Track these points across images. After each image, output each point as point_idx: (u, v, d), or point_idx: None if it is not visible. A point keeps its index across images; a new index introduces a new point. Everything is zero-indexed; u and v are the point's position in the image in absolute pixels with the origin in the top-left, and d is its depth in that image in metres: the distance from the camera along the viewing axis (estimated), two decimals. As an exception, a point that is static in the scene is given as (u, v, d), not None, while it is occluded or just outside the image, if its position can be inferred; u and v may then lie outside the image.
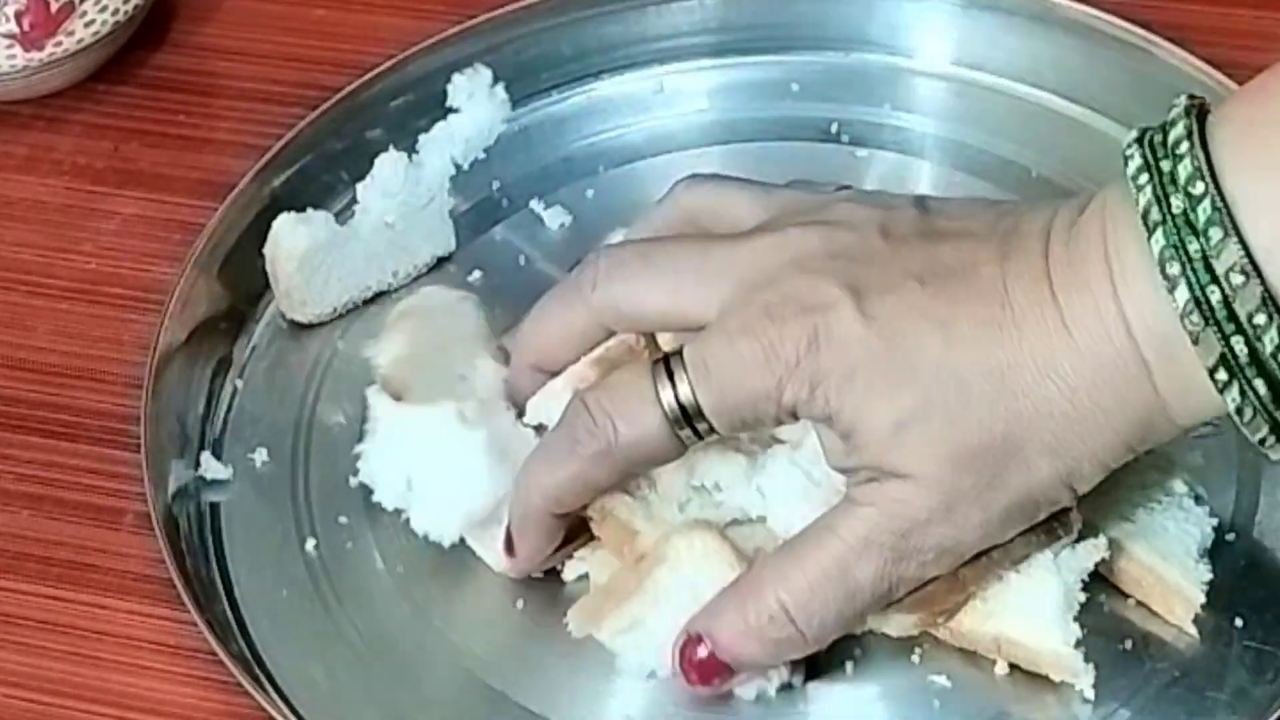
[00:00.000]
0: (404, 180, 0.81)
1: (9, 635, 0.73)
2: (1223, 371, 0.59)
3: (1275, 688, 0.68)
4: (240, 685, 0.67)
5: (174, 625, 0.72)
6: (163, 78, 0.93)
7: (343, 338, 0.81)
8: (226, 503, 0.76)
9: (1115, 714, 0.67)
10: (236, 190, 0.82)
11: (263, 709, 0.67)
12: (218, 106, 0.92)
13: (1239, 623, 0.69)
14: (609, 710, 0.69)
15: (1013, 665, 0.68)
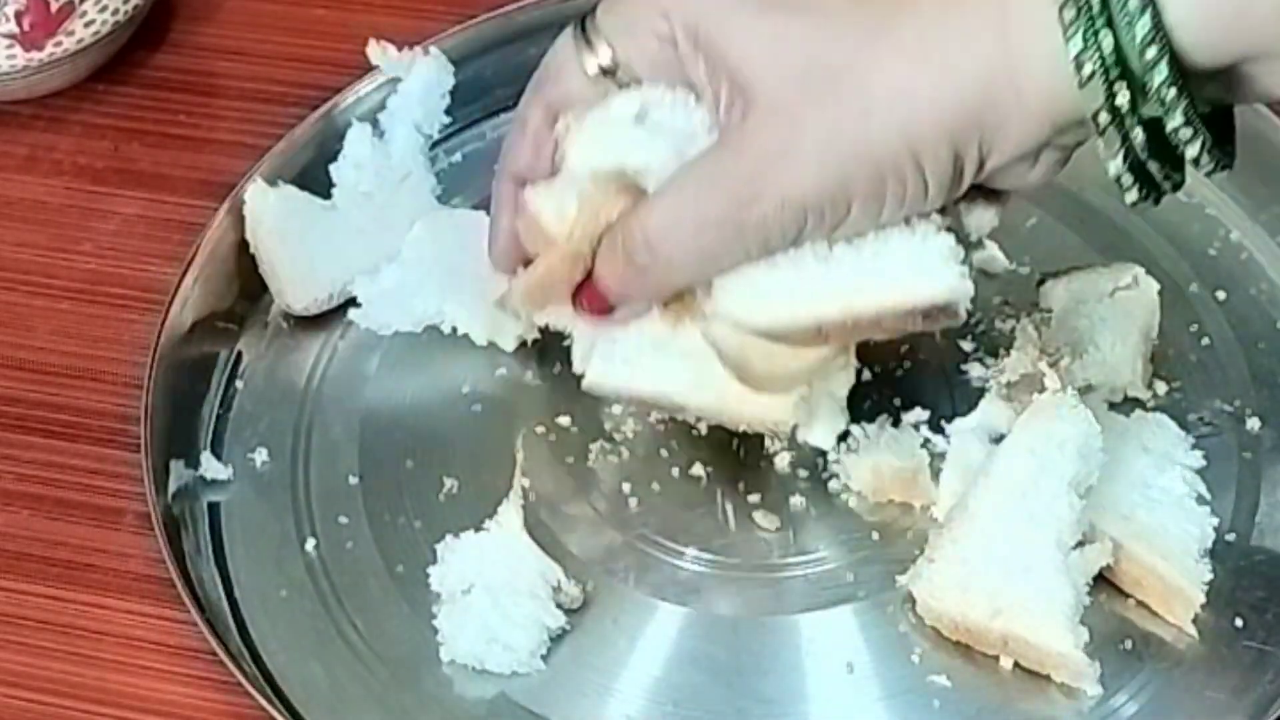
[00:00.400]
0: (372, 151, 0.83)
1: (9, 635, 0.73)
2: (1070, 8, 0.59)
3: (1275, 688, 0.68)
4: (240, 685, 0.67)
5: (174, 625, 0.72)
6: (163, 78, 0.93)
7: (343, 338, 0.81)
8: (226, 503, 0.76)
9: (1116, 713, 0.67)
10: (236, 190, 0.82)
11: (263, 709, 0.67)
12: (218, 106, 0.92)
13: (1239, 623, 0.69)
14: (609, 710, 0.69)
15: (1016, 664, 0.68)
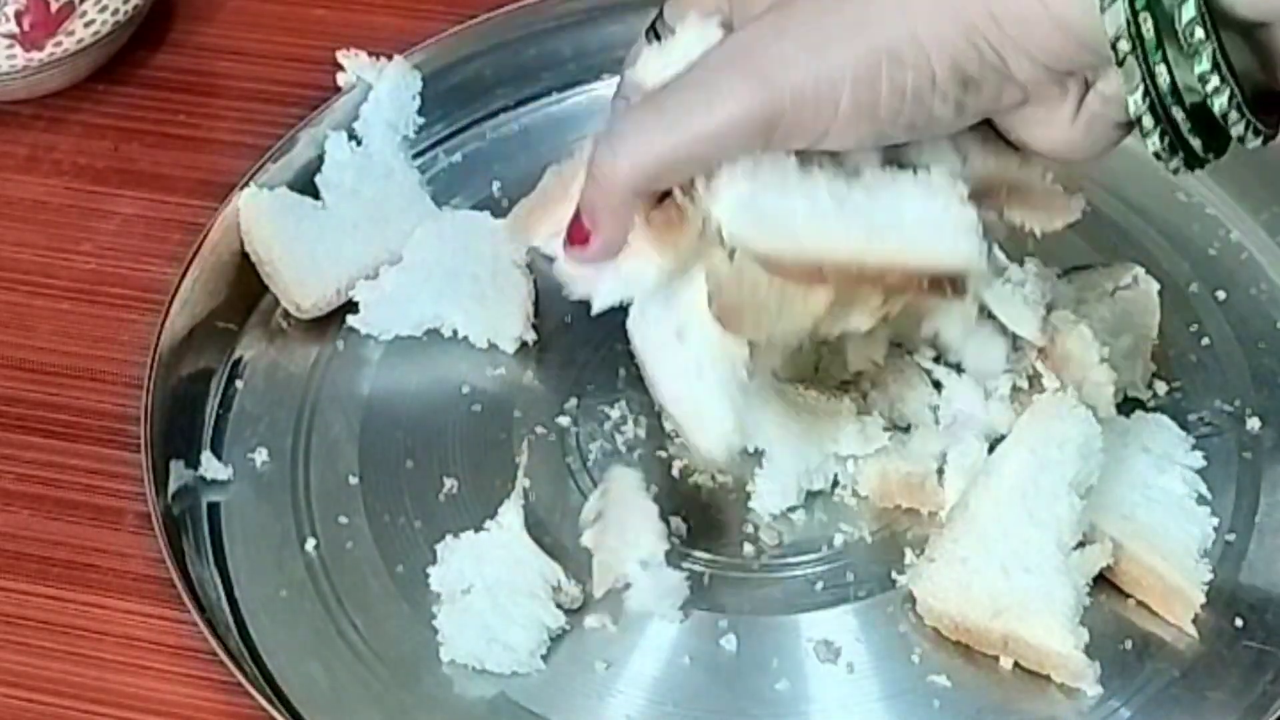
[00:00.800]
0: (352, 155, 0.83)
1: (9, 635, 0.73)
2: None
3: (1275, 688, 0.68)
4: (240, 685, 0.67)
5: (174, 625, 0.72)
6: (163, 78, 0.93)
7: (343, 338, 0.81)
8: (226, 503, 0.76)
9: (1115, 714, 0.67)
10: (236, 190, 0.82)
11: (263, 709, 0.67)
12: (218, 106, 0.92)
13: (1239, 623, 0.69)
14: (609, 710, 0.69)
15: (1016, 664, 0.68)
